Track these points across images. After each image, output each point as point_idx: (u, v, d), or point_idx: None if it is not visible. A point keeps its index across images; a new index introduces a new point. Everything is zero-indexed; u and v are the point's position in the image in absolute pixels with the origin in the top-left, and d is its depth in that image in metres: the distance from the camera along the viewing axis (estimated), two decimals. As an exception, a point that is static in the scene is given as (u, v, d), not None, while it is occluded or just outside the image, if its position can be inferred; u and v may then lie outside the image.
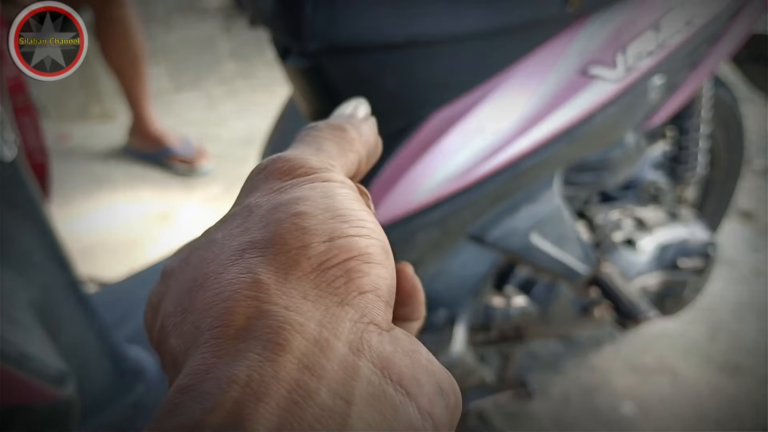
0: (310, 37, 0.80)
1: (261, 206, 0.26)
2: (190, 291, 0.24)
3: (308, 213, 0.24)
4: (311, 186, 0.26)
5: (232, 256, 0.24)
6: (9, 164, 0.80)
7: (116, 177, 2.34)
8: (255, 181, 0.28)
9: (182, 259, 0.27)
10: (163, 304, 0.26)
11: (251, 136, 2.62)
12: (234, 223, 0.26)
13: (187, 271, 0.25)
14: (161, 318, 0.25)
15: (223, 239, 0.25)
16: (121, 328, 1.11)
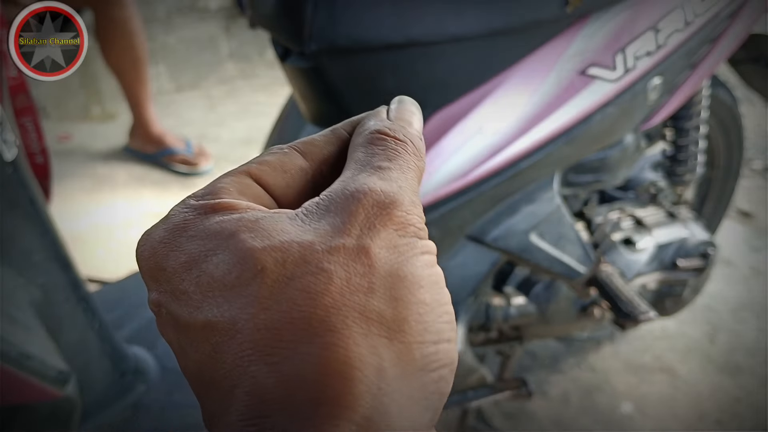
0: (311, 38, 0.81)
1: (385, 264, 0.23)
2: (293, 329, 0.22)
3: (428, 304, 0.23)
4: (425, 262, 0.25)
5: (358, 320, 0.22)
6: (10, 164, 0.80)
7: (117, 177, 2.34)
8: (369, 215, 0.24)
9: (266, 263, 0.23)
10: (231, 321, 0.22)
11: (251, 137, 2.62)
12: (352, 265, 0.23)
13: (279, 291, 0.22)
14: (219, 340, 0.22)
15: (342, 282, 0.22)
16: (122, 328, 1.11)
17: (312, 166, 0.29)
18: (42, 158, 0.91)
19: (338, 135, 0.31)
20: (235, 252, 0.23)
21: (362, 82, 0.89)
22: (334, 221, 0.24)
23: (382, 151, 0.28)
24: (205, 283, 0.23)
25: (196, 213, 0.25)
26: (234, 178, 0.28)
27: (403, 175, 0.27)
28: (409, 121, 0.31)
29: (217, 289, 0.23)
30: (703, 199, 1.67)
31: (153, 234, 0.26)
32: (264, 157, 0.29)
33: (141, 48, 2.19)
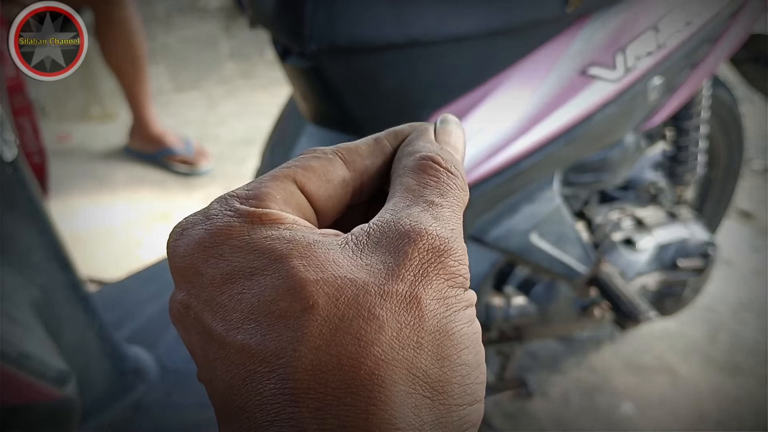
0: (311, 38, 0.81)
1: (434, 318, 0.23)
2: (342, 376, 0.21)
3: (470, 366, 0.23)
4: (469, 318, 0.24)
5: (405, 377, 0.21)
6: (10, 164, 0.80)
7: (116, 177, 2.34)
8: (423, 261, 0.23)
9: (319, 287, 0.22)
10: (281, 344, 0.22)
11: (251, 136, 2.62)
12: (404, 315, 0.22)
13: (329, 333, 0.21)
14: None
15: (393, 333, 0.22)
16: (122, 328, 1.11)
17: (354, 178, 0.28)
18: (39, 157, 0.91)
19: (381, 146, 0.30)
20: (285, 279, 0.22)
21: (362, 82, 0.89)
22: (387, 260, 0.23)
23: (434, 183, 0.26)
24: (249, 303, 0.22)
25: (242, 220, 0.24)
26: (279, 183, 0.26)
27: (454, 215, 0.26)
28: (456, 146, 0.30)
29: (262, 314, 0.22)
30: (704, 199, 1.66)
31: (191, 232, 0.25)
32: (308, 162, 0.27)
33: (141, 48, 2.19)
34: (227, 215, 0.24)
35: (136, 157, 2.42)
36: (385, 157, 0.29)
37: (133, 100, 2.30)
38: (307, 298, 0.21)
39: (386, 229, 0.24)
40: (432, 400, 0.22)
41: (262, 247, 0.23)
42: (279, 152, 1.02)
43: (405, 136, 0.30)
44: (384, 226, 0.24)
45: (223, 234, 0.24)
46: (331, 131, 0.96)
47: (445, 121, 0.31)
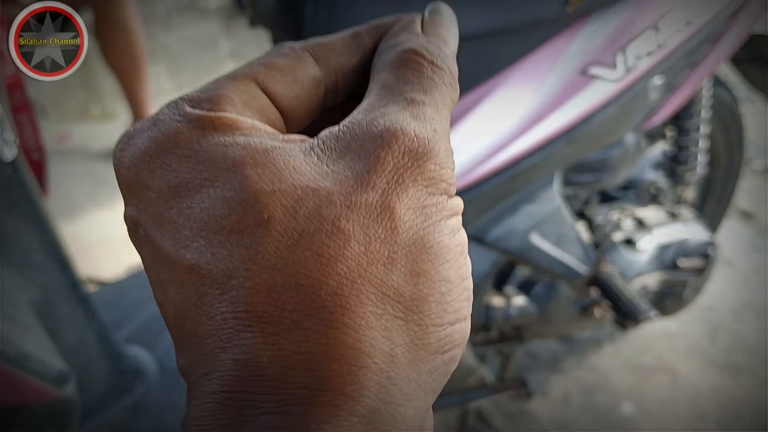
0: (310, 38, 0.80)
1: (409, 230, 0.20)
2: (299, 297, 0.19)
3: (451, 281, 0.21)
4: (452, 228, 0.21)
5: (373, 296, 0.19)
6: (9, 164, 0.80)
7: (116, 177, 2.34)
8: (399, 165, 0.21)
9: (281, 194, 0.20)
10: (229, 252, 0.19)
11: (251, 136, 2.62)
12: (374, 227, 0.20)
13: (286, 249, 0.19)
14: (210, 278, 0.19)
15: (360, 247, 0.19)
16: (121, 328, 1.11)
17: (326, 76, 0.25)
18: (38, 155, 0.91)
19: (360, 42, 0.26)
20: (238, 190, 0.20)
21: (362, 82, 0.89)
22: (357, 167, 0.20)
23: (416, 78, 0.24)
24: (198, 218, 0.20)
25: (192, 126, 0.21)
26: (238, 84, 0.23)
27: (438, 113, 0.23)
28: (445, 39, 0.27)
29: (212, 230, 0.20)
30: (704, 199, 1.66)
31: (136, 140, 0.22)
32: (273, 59, 0.24)
33: (141, 47, 2.19)
34: (176, 120, 0.22)
35: (136, 157, 2.42)
36: (365, 53, 0.26)
37: (133, 100, 2.30)
38: (262, 211, 0.19)
39: (357, 131, 0.21)
40: (405, 320, 0.19)
41: (214, 155, 0.21)
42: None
43: (388, 29, 0.27)
44: (355, 128, 0.22)
45: (170, 141, 0.21)
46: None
47: (434, 11, 0.28)
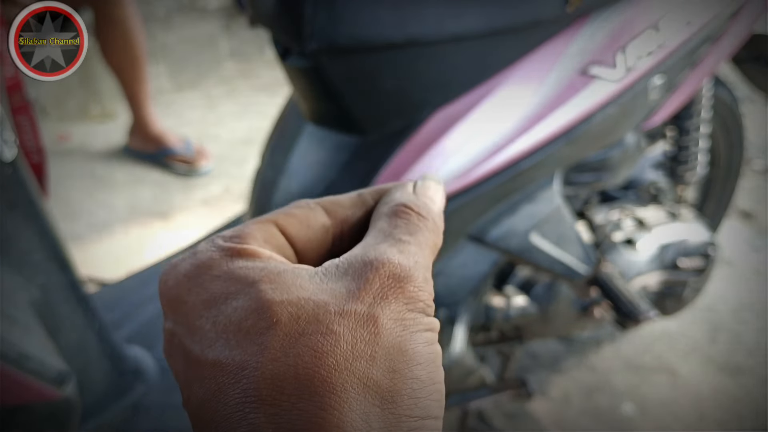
0: (311, 38, 0.80)
1: (389, 336, 0.25)
2: (297, 384, 0.23)
3: (422, 381, 0.25)
4: (427, 340, 0.26)
5: (356, 385, 0.23)
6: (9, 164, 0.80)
7: (116, 177, 2.34)
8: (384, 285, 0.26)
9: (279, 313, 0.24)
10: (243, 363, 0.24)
11: (251, 136, 2.62)
12: (360, 331, 0.24)
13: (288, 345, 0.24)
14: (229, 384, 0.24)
15: (348, 346, 0.24)
16: (121, 329, 1.11)
17: (334, 225, 0.31)
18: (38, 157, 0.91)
19: (363, 200, 0.32)
20: (254, 300, 0.25)
21: (362, 82, 0.89)
22: (350, 285, 0.25)
23: (404, 224, 0.29)
24: (222, 324, 0.25)
25: (222, 254, 0.27)
26: (261, 225, 0.29)
27: (420, 251, 0.28)
28: (433, 198, 0.32)
29: (232, 332, 0.24)
30: (704, 199, 1.66)
31: (179, 266, 0.27)
32: (291, 210, 0.30)
33: (140, 47, 2.19)
34: (210, 250, 0.27)
35: (135, 157, 2.43)
36: (366, 210, 0.32)
37: (133, 100, 2.30)
38: (272, 316, 0.24)
39: (353, 261, 0.27)
40: (381, 408, 0.23)
41: (238, 275, 0.26)
42: (279, 152, 1.02)
43: (387, 191, 0.33)
44: (352, 258, 0.27)
45: (204, 266, 0.27)
46: (331, 131, 0.95)
47: (425, 178, 0.34)
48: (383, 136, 0.92)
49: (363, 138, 0.93)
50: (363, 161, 0.92)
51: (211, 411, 0.23)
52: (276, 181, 0.98)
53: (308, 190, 0.95)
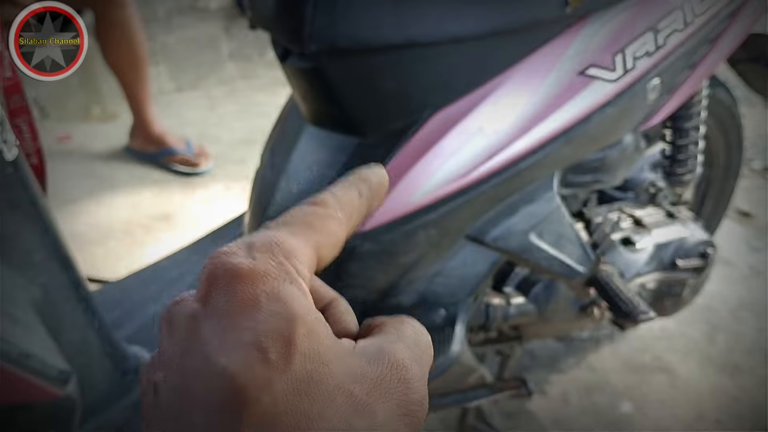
0: (311, 39, 0.81)
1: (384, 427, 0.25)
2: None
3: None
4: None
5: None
6: (10, 164, 0.80)
7: (117, 177, 2.35)
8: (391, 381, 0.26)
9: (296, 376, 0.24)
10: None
11: (251, 137, 2.62)
12: (355, 414, 0.24)
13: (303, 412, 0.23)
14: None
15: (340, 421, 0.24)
16: (122, 328, 1.11)
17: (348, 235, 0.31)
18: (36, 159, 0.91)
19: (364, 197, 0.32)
20: (284, 332, 0.24)
21: (362, 83, 0.89)
22: (363, 368, 0.26)
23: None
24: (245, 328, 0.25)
25: (279, 273, 0.26)
26: (309, 251, 0.28)
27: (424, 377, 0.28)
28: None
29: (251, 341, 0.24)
30: (703, 199, 1.67)
31: (234, 258, 0.26)
32: (328, 226, 0.29)
33: (141, 48, 2.19)
34: (269, 264, 0.26)
35: (136, 157, 2.43)
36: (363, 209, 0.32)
37: (134, 101, 2.30)
38: (290, 358, 0.24)
39: (369, 347, 0.27)
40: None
41: (284, 298, 0.25)
42: (279, 153, 1.02)
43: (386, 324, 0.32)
44: (370, 345, 0.27)
45: (259, 276, 0.26)
46: (331, 132, 0.96)
47: None
48: (383, 137, 0.92)
49: (363, 139, 0.93)
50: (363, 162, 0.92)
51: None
52: (276, 182, 0.98)
53: (308, 191, 0.96)
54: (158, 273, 1.24)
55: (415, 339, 0.28)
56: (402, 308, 1.02)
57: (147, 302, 1.16)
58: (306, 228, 0.28)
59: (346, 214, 0.30)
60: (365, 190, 0.32)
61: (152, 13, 2.85)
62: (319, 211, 0.29)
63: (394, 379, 0.26)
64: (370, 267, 0.95)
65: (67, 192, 2.20)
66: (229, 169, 2.43)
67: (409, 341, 0.28)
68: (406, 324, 0.29)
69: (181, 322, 0.26)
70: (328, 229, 0.29)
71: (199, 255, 1.28)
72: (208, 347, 0.24)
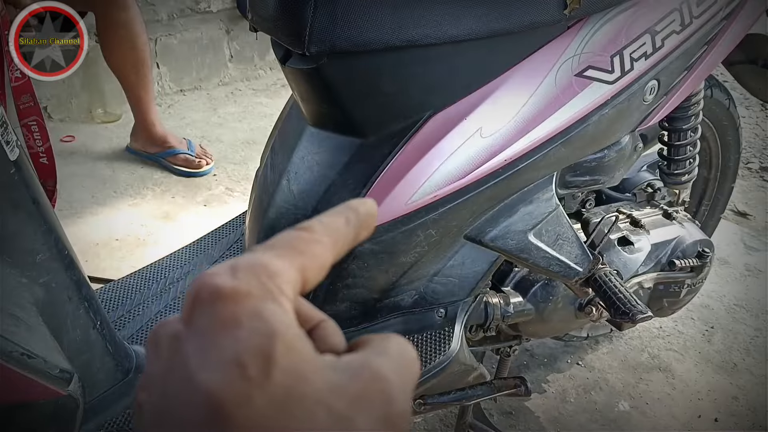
0: (311, 41, 0.81)
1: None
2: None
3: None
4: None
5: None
6: (12, 164, 0.80)
7: (119, 177, 2.35)
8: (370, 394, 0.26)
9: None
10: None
11: (252, 138, 2.63)
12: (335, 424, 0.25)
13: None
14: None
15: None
16: (124, 327, 1.12)
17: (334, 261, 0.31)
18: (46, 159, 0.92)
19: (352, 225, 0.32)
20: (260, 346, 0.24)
21: (362, 84, 0.90)
22: (342, 381, 0.26)
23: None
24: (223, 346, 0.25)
25: (263, 293, 0.26)
26: (295, 273, 0.28)
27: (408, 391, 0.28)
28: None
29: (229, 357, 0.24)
30: (700, 199, 1.67)
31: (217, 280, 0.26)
32: (315, 250, 0.29)
33: (143, 50, 2.20)
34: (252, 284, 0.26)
35: (138, 158, 2.44)
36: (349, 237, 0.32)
37: (136, 102, 2.31)
38: (267, 371, 0.24)
39: (353, 362, 0.27)
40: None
41: (264, 316, 0.25)
42: (280, 154, 1.03)
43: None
44: (353, 359, 0.27)
45: (241, 296, 0.26)
46: (332, 133, 0.96)
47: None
48: (383, 138, 0.93)
49: (363, 140, 0.94)
50: (363, 163, 0.94)
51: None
52: (277, 182, 0.99)
53: (309, 192, 0.96)
54: (160, 272, 1.24)
55: (400, 352, 0.29)
56: (402, 308, 1.02)
57: (149, 302, 1.17)
58: (291, 251, 0.29)
59: (332, 240, 0.30)
60: (353, 218, 0.32)
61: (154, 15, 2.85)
62: (304, 235, 0.30)
63: (375, 392, 0.26)
64: (370, 267, 0.96)
65: (70, 192, 2.21)
66: (230, 169, 2.43)
67: (393, 355, 0.28)
68: (391, 339, 0.30)
69: (165, 343, 0.27)
70: (314, 252, 0.29)
71: (200, 255, 1.28)
72: (189, 366, 0.24)
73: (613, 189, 1.36)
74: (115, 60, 2.21)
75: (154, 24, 2.82)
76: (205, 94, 3.02)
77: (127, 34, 2.14)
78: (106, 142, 2.56)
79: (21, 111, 0.84)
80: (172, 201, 2.25)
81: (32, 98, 0.84)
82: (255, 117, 2.83)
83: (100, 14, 2.10)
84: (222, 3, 3.05)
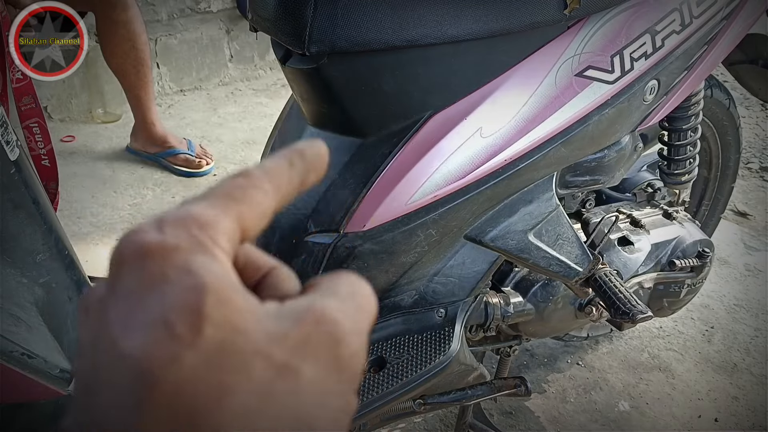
0: (311, 41, 0.82)
1: (305, 393, 0.24)
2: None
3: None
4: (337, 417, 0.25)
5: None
6: (13, 164, 0.80)
7: (119, 177, 2.35)
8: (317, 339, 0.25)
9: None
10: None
11: (252, 138, 2.63)
12: (277, 378, 0.23)
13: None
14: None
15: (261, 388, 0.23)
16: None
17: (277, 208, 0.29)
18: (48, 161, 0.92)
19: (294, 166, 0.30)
20: (191, 303, 0.23)
21: (362, 84, 0.90)
22: (285, 329, 0.24)
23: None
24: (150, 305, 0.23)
25: (192, 246, 0.25)
26: (231, 223, 0.26)
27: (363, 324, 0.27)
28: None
29: (156, 319, 0.23)
30: (700, 199, 1.67)
31: (142, 236, 0.25)
32: (254, 196, 0.27)
33: (143, 50, 2.20)
34: (180, 238, 0.25)
35: (138, 158, 2.44)
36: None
37: (137, 102, 2.31)
38: (199, 328, 0.22)
39: (297, 307, 0.25)
40: None
41: (193, 269, 0.24)
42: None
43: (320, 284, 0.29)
44: (296, 305, 0.25)
45: (169, 249, 0.24)
46: (332, 133, 0.97)
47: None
48: (383, 138, 0.93)
49: (363, 140, 0.94)
50: (363, 163, 0.94)
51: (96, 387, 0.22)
52: (277, 182, 0.99)
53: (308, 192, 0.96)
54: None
55: (350, 292, 0.27)
56: (402, 308, 1.02)
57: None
58: (225, 199, 0.27)
59: (273, 185, 0.28)
60: (298, 161, 0.30)
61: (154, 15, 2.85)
62: (241, 182, 0.27)
63: (321, 335, 0.24)
64: (370, 267, 0.96)
65: (70, 192, 2.21)
66: (230, 169, 2.43)
67: (342, 294, 0.26)
68: (341, 279, 0.28)
69: (93, 308, 0.25)
70: (252, 199, 0.27)
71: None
72: (114, 332, 0.23)
73: (613, 189, 1.36)
74: (115, 60, 2.21)
75: (154, 24, 2.82)
76: (205, 94, 3.02)
77: (127, 34, 2.14)
78: (106, 142, 2.56)
79: (22, 112, 0.84)
80: (172, 201, 2.25)
81: (34, 100, 0.84)
82: (255, 117, 2.83)
83: (100, 14, 2.10)
84: (222, 3, 3.04)
